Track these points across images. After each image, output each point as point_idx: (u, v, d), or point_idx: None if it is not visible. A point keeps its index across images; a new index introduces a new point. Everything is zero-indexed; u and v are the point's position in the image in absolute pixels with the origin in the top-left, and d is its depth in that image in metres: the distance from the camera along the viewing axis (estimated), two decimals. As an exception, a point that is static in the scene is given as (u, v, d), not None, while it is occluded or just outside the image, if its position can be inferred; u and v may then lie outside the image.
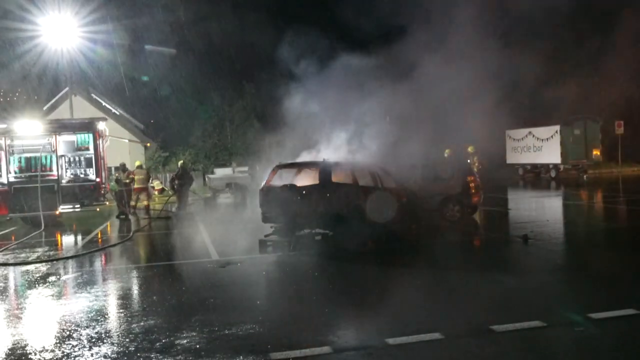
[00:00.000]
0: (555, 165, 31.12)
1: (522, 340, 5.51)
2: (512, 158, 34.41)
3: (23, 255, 11.97)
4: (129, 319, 6.78)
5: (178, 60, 38.33)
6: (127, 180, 19.31)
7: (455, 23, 17.46)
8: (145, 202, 19.89)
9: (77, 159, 18.00)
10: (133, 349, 5.61)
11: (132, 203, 19.73)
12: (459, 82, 16.44)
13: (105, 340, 5.91)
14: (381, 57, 17.18)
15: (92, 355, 5.48)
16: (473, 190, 14.85)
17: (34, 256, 11.73)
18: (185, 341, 5.76)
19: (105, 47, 32.83)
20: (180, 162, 21.26)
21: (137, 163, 21.19)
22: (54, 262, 11.04)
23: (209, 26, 38.38)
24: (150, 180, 31.83)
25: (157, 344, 5.70)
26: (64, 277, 9.60)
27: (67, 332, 6.25)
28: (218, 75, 40.09)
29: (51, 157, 17.43)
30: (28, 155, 17.49)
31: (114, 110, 37.92)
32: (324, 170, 11.15)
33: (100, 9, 30.42)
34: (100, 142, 18.02)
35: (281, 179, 11.73)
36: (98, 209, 18.90)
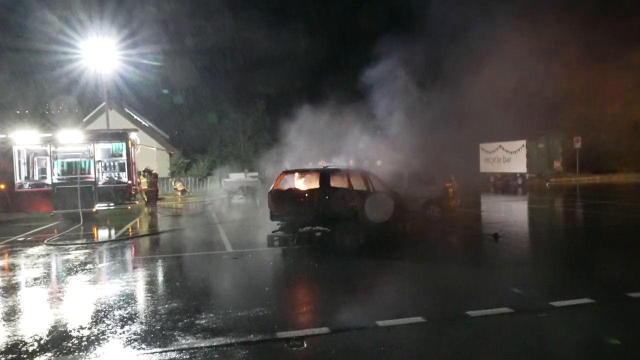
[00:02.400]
0: (522, 174, 31.19)
1: (494, 324, 5.51)
2: (485, 167, 34.46)
3: (64, 245, 11.97)
4: (155, 301, 6.78)
5: (200, 80, 38.54)
6: (154, 181, 19.30)
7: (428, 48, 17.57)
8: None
9: (111, 164, 18.08)
10: (159, 327, 5.61)
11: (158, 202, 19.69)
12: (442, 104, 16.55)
13: (135, 320, 5.91)
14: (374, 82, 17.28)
15: (124, 332, 5.48)
16: (451, 195, 14.88)
17: (73, 246, 11.73)
18: (204, 321, 5.76)
19: (138, 68, 32.94)
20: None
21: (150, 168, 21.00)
22: (91, 251, 11.04)
23: (228, 52, 38.63)
24: (173, 182, 31.97)
25: (180, 324, 5.70)
26: (99, 265, 9.59)
27: (102, 313, 6.25)
28: (234, 92, 40.24)
29: (89, 162, 17.47)
30: (69, 160, 17.57)
31: (143, 123, 37.97)
32: (324, 176, 11.14)
33: (134, 35, 30.59)
34: (132, 149, 18.06)
35: (287, 183, 11.74)
36: (129, 207, 18.91)
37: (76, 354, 4.91)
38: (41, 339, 5.35)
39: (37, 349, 5.06)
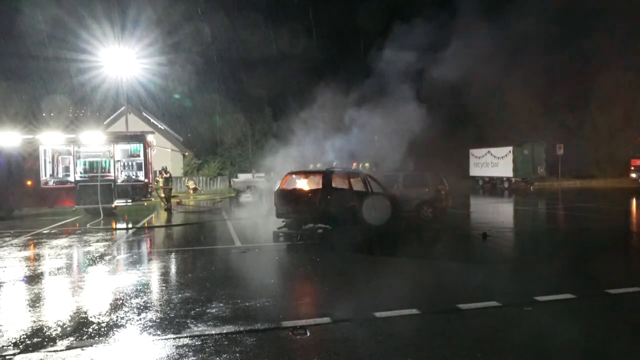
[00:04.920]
0: (508, 178, 31.14)
1: (483, 316, 5.48)
2: (474, 172, 34.40)
3: (85, 238, 11.96)
4: (169, 291, 6.76)
5: (212, 86, 38.62)
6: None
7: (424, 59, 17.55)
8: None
9: (130, 163, 18.09)
10: (173, 315, 5.59)
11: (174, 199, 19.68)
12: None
13: (150, 308, 5.89)
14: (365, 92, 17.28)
15: (140, 319, 5.46)
16: (443, 196, 14.85)
17: (94, 239, 11.72)
18: (214, 310, 5.74)
19: (155, 76, 32.96)
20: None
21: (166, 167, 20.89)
22: (110, 244, 11.03)
23: (238, 60, 38.68)
24: (186, 181, 31.97)
25: (192, 312, 5.68)
26: (117, 257, 9.58)
27: (120, 301, 6.23)
28: (244, 99, 40.23)
29: (109, 161, 17.49)
30: (91, 159, 17.60)
31: (159, 126, 37.98)
32: (326, 177, 11.12)
33: (152, 45, 30.62)
34: (149, 150, 18.08)
35: (292, 183, 11.72)
36: (146, 204, 18.91)
37: (97, 338, 4.89)
38: (67, 320, 5.34)
39: (61, 332, 5.04)
